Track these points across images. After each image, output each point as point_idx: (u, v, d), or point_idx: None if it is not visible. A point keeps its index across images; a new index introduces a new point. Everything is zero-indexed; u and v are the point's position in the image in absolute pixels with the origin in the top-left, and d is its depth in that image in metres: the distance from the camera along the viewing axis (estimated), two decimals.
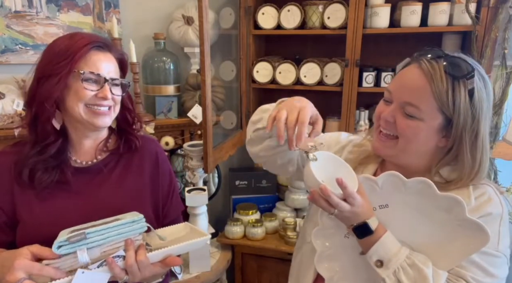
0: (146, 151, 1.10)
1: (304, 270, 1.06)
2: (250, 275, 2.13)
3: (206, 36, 1.58)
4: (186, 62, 2.22)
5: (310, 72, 2.03)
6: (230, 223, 2.07)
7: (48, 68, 0.92)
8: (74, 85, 0.93)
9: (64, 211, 0.97)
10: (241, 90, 2.17)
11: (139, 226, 0.87)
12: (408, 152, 0.91)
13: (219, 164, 2.11)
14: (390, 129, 0.90)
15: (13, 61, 1.80)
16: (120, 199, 1.02)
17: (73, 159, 1.03)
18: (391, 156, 0.94)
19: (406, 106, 0.86)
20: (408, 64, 0.91)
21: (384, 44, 2.08)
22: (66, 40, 0.95)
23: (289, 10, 1.98)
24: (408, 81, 0.87)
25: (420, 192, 0.85)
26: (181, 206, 1.20)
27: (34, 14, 1.83)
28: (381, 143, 0.93)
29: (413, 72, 0.87)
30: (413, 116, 0.85)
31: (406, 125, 0.87)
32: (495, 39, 1.69)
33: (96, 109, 0.96)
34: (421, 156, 0.92)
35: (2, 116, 1.67)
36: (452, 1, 1.76)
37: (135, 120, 1.11)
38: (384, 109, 0.92)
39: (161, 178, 1.11)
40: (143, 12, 2.13)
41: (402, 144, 0.89)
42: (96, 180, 1.03)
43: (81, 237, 0.79)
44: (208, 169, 1.75)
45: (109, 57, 0.99)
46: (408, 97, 0.85)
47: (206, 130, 1.68)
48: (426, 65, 0.84)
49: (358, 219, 0.84)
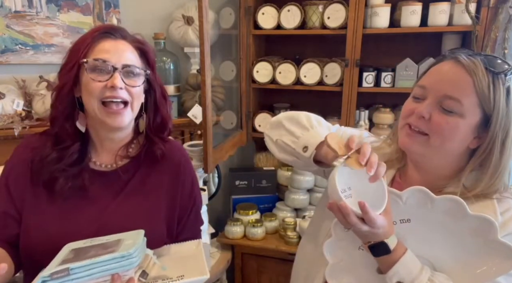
0: (168, 161, 1.00)
1: (314, 273, 1.00)
2: (250, 275, 2.13)
3: (206, 36, 1.58)
4: (186, 62, 2.21)
5: (310, 72, 2.03)
6: (230, 223, 2.07)
7: (64, 63, 0.90)
8: (84, 79, 0.88)
9: (73, 217, 0.92)
10: (241, 90, 2.17)
11: (127, 263, 0.78)
12: (440, 152, 0.85)
13: (219, 164, 2.11)
14: (423, 126, 0.83)
15: (13, 61, 1.80)
16: (132, 215, 0.94)
17: (93, 160, 0.97)
18: (419, 154, 0.87)
19: (446, 100, 0.80)
20: (438, 62, 0.86)
21: (384, 44, 2.08)
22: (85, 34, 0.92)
23: (289, 10, 1.98)
24: (448, 74, 0.81)
25: (448, 210, 0.79)
26: (199, 222, 1.09)
27: (34, 14, 1.83)
28: (411, 138, 0.85)
29: (451, 66, 0.82)
30: (453, 112, 0.80)
31: (445, 121, 0.80)
32: (495, 39, 1.69)
33: (111, 106, 0.88)
34: (450, 158, 0.86)
35: (2, 116, 1.67)
36: (452, 1, 1.76)
37: (167, 125, 1.00)
38: (415, 106, 0.85)
39: (180, 192, 1.01)
40: (143, 12, 2.13)
41: (436, 142, 0.82)
42: (111, 188, 0.96)
43: (65, 273, 0.74)
44: (208, 169, 1.75)
45: (123, 44, 0.90)
46: (449, 90, 0.80)
47: (206, 130, 1.68)
48: (465, 60, 0.80)
49: (375, 238, 0.79)
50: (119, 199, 0.95)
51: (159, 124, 1.00)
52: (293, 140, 0.95)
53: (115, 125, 0.90)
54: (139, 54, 0.94)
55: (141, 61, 0.94)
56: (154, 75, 0.98)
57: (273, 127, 1.03)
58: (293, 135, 0.96)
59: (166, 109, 1.01)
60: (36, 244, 0.89)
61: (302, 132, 0.95)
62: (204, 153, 1.73)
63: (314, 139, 0.90)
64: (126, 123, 0.91)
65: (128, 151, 0.99)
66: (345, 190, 0.79)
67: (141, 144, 1.00)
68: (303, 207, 2.16)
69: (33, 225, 0.91)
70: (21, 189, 0.93)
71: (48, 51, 1.88)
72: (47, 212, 0.91)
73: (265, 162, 2.35)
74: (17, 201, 0.92)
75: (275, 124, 1.02)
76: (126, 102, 0.90)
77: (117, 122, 0.89)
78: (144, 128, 1.00)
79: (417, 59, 1.91)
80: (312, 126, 0.95)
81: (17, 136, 1.59)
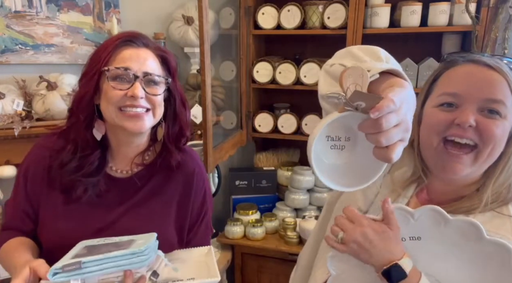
0: (182, 170, 1.00)
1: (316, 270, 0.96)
2: (250, 275, 2.13)
3: (206, 36, 1.58)
4: (186, 62, 2.22)
5: (310, 72, 2.02)
6: (230, 223, 2.07)
7: (85, 70, 0.90)
8: (104, 86, 0.87)
9: (86, 219, 0.93)
10: (241, 90, 2.17)
11: (138, 260, 0.79)
12: (486, 164, 0.76)
13: (219, 164, 2.10)
14: (472, 136, 0.73)
15: (13, 61, 1.81)
16: (144, 220, 0.96)
17: (109, 166, 0.97)
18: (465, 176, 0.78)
19: (490, 103, 0.73)
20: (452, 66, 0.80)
21: (384, 44, 2.05)
22: (106, 40, 0.92)
23: (289, 10, 1.98)
24: (482, 77, 0.74)
25: (463, 232, 0.74)
26: (209, 231, 1.10)
27: (34, 14, 1.83)
28: (460, 160, 0.75)
29: (476, 68, 0.76)
30: (498, 114, 0.73)
31: (495, 125, 0.72)
32: (495, 39, 1.69)
33: (129, 111, 0.87)
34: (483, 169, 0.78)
35: (2, 116, 1.67)
36: (452, 1, 1.76)
37: (185, 134, 1.00)
38: (450, 116, 0.75)
39: (193, 201, 1.01)
40: (143, 12, 2.13)
41: (486, 152, 0.74)
42: (125, 195, 0.97)
43: (76, 266, 0.76)
44: (208, 169, 1.75)
45: (145, 52, 0.90)
46: (490, 93, 0.73)
47: (206, 130, 1.68)
48: (487, 59, 0.75)
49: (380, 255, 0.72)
50: (132, 204, 0.96)
51: (177, 133, 0.99)
52: (356, 63, 0.73)
53: (136, 129, 0.88)
54: (160, 62, 0.93)
55: (162, 69, 0.93)
56: (175, 83, 0.97)
57: (336, 56, 0.83)
58: (359, 59, 0.75)
59: (186, 117, 1.00)
60: (50, 241, 0.92)
61: (371, 59, 0.74)
62: (204, 153, 1.73)
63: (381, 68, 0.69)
64: (146, 127, 0.90)
65: (144, 158, 0.99)
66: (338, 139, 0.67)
67: (157, 152, 1.00)
68: (303, 207, 2.16)
69: (48, 225, 0.94)
70: (38, 190, 0.95)
71: (48, 51, 1.89)
72: (62, 215, 0.93)
73: (265, 162, 2.35)
74: (34, 201, 0.96)
75: (342, 53, 0.82)
76: (147, 108, 0.89)
77: (138, 126, 0.88)
78: (162, 136, 0.98)
79: (417, 59, 1.91)
80: (387, 60, 0.75)
81: (17, 136, 1.59)
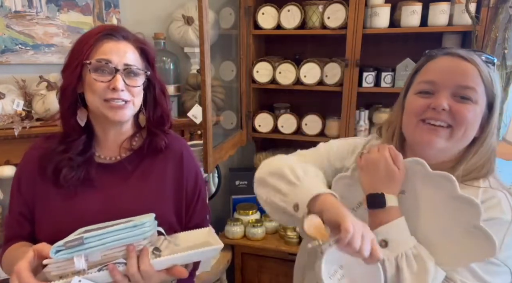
0: (170, 152, 1.05)
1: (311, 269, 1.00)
2: (250, 275, 2.13)
3: (206, 36, 1.58)
4: (186, 62, 2.22)
5: (310, 72, 2.03)
6: (230, 223, 2.07)
7: (67, 62, 0.94)
8: (87, 78, 0.92)
9: (82, 209, 0.96)
10: (241, 90, 2.17)
11: (140, 232, 0.80)
12: (459, 144, 0.86)
13: (219, 164, 2.11)
14: (446, 119, 0.83)
15: (13, 61, 1.80)
16: (140, 201, 0.98)
17: (97, 154, 1.01)
18: (440, 150, 0.86)
19: (462, 89, 0.82)
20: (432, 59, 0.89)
21: (384, 44, 2.08)
22: (86, 32, 0.95)
23: (289, 10, 1.98)
24: (456, 67, 0.84)
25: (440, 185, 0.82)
26: (206, 209, 1.13)
27: (34, 14, 1.83)
28: (435, 133, 0.84)
29: (454, 60, 0.85)
30: (470, 99, 0.82)
31: (466, 109, 0.82)
32: (495, 39, 1.69)
33: (112, 103, 0.92)
34: (458, 150, 0.87)
35: (2, 116, 1.67)
36: (452, 1, 1.76)
37: (168, 119, 1.05)
38: (428, 101, 0.85)
39: (186, 180, 1.05)
40: (143, 12, 2.13)
41: (459, 133, 0.83)
42: (117, 179, 1.00)
43: (79, 242, 0.76)
44: (208, 169, 1.75)
45: (125, 45, 0.94)
46: (463, 80, 0.82)
47: (206, 130, 1.68)
48: (461, 52, 0.84)
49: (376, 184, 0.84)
50: (126, 186, 1.00)
51: (160, 118, 1.04)
52: (282, 198, 0.86)
53: (116, 119, 0.94)
54: (139, 53, 0.98)
55: (141, 60, 0.98)
56: (154, 73, 1.02)
57: (259, 184, 0.94)
58: (280, 192, 0.86)
59: (166, 103, 1.05)
60: (48, 236, 0.91)
61: (289, 188, 0.85)
62: (204, 153, 1.73)
63: (304, 195, 0.80)
64: (127, 117, 0.96)
65: (131, 144, 1.04)
66: (336, 272, 0.77)
67: (144, 137, 1.05)
68: None
69: (45, 219, 0.97)
70: (31, 188, 0.98)
71: (48, 51, 1.88)
72: (56, 206, 0.96)
73: None
74: (29, 202, 0.98)
75: (260, 181, 0.94)
76: (126, 100, 0.94)
77: (118, 116, 0.94)
78: (144, 122, 1.05)
79: (417, 59, 1.87)
80: (299, 179, 0.85)
81: (17, 136, 1.59)
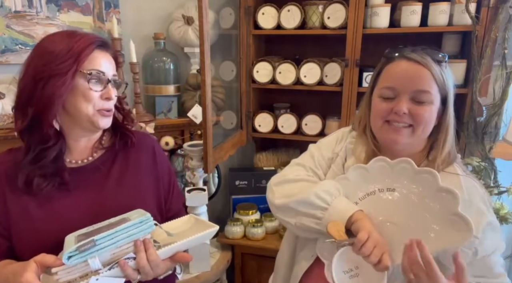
0: (142, 146, 1.09)
1: None
2: (250, 275, 2.13)
3: (206, 36, 1.58)
4: (186, 62, 2.22)
5: (310, 72, 2.03)
6: (230, 223, 2.07)
7: (50, 68, 0.88)
8: (81, 86, 0.92)
9: (64, 214, 0.95)
10: (241, 90, 2.17)
11: (147, 226, 0.85)
12: (421, 137, 0.98)
13: (219, 164, 2.11)
14: (408, 120, 0.94)
15: (13, 61, 1.80)
16: (121, 197, 1.00)
17: (67, 160, 1.00)
18: (406, 145, 0.97)
19: (418, 94, 0.93)
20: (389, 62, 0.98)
21: (384, 44, 2.04)
22: (65, 39, 0.91)
23: (289, 10, 1.98)
24: (410, 72, 0.93)
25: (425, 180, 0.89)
26: (182, 198, 1.21)
27: (34, 14, 1.83)
28: (399, 133, 0.95)
29: (408, 64, 0.94)
30: (426, 102, 0.93)
31: (423, 111, 0.93)
32: (495, 39, 1.69)
33: (104, 112, 0.96)
34: (423, 140, 1.00)
35: (2, 116, 1.67)
36: (452, 1, 1.76)
37: (125, 115, 1.09)
38: (390, 105, 0.95)
39: (160, 172, 1.10)
40: (143, 12, 2.13)
41: (419, 130, 0.95)
42: (94, 179, 1.00)
43: (91, 245, 0.78)
44: (208, 169, 1.75)
45: (109, 57, 0.98)
46: (418, 85, 0.92)
47: (206, 130, 1.68)
48: (416, 56, 0.93)
49: None
50: (104, 187, 1.00)
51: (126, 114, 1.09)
52: (316, 222, 0.95)
53: (105, 126, 0.99)
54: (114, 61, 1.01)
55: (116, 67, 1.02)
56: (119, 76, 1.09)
57: (283, 211, 1.03)
58: (314, 217, 0.96)
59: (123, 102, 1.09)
60: (31, 246, 0.90)
61: (321, 212, 0.94)
62: (204, 153, 1.73)
63: (339, 215, 0.92)
64: (110, 124, 1.01)
65: (101, 143, 1.05)
66: (351, 270, 0.87)
67: (111, 135, 1.08)
68: None
69: (25, 230, 0.94)
70: (2, 204, 0.95)
71: None
72: (36, 215, 0.94)
73: (265, 162, 2.35)
74: (2, 218, 0.95)
75: (284, 208, 1.02)
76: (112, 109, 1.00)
77: (105, 124, 0.99)
78: None
79: None
80: (327, 202, 0.95)
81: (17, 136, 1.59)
